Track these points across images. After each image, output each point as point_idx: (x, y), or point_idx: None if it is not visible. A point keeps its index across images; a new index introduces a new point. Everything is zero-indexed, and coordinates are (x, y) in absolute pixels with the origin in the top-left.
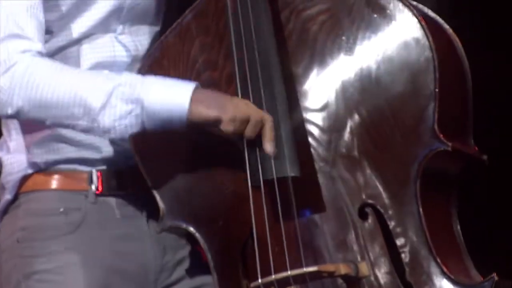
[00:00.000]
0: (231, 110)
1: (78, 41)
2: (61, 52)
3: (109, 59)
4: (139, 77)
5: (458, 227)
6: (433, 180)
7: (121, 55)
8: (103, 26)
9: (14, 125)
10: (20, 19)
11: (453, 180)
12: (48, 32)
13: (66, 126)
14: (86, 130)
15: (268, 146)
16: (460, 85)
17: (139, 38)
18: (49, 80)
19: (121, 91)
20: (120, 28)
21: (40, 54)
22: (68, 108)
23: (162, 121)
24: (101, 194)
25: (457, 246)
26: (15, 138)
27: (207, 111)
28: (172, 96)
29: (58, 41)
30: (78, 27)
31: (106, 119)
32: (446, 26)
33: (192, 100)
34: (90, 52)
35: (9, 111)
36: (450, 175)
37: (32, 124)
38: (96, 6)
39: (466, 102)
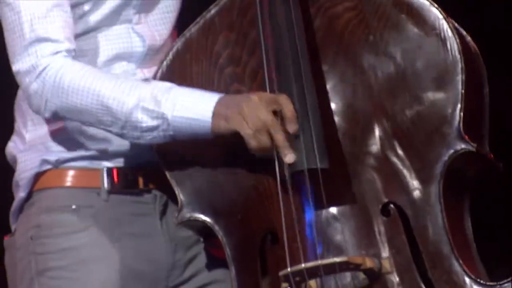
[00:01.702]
0: (250, 124)
1: (94, 30)
2: (77, 42)
3: (126, 50)
4: (165, 90)
5: (471, 230)
6: (455, 181)
7: (138, 45)
8: (117, 16)
9: (30, 116)
10: (44, 20)
11: (470, 183)
12: None
13: (103, 129)
14: (119, 136)
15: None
16: (480, 90)
17: (157, 28)
18: (77, 87)
19: (146, 106)
20: (136, 18)
21: (70, 53)
22: (97, 116)
23: (189, 134)
24: (114, 192)
25: (471, 247)
26: (31, 130)
27: (228, 126)
28: (195, 112)
29: (76, 28)
30: (94, 16)
31: (133, 130)
32: (465, 33)
33: (214, 115)
34: (107, 44)
35: (47, 114)
36: (468, 177)
37: (44, 121)
38: None
39: (484, 107)
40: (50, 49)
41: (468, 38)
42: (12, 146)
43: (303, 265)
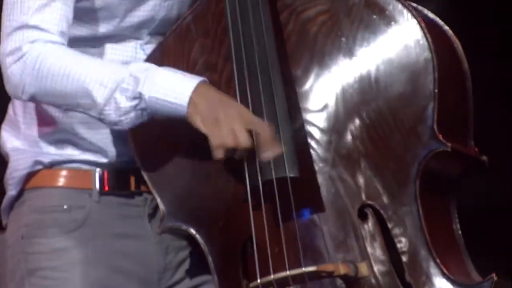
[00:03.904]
0: (221, 135)
1: (103, 39)
2: (82, 43)
3: (129, 62)
4: (144, 71)
5: (458, 227)
6: (433, 180)
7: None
8: (131, 33)
9: (28, 108)
10: (43, 9)
11: (453, 180)
12: (76, 17)
13: (80, 112)
14: (98, 119)
15: (267, 154)
16: (459, 85)
17: None
18: (58, 70)
19: (125, 87)
20: (148, 38)
21: (53, 42)
22: (76, 99)
23: (166, 115)
24: (105, 193)
25: (456, 246)
26: (28, 122)
27: (200, 125)
28: (172, 95)
29: (82, 30)
30: (107, 26)
31: (112, 114)
32: (446, 28)
33: (190, 103)
34: (112, 52)
35: (24, 97)
36: (450, 175)
37: (41, 116)
38: (131, 14)
39: (466, 103)
40: (37, 37)
41: (449, 34)
42: (5, 138)
43: (272, 276)
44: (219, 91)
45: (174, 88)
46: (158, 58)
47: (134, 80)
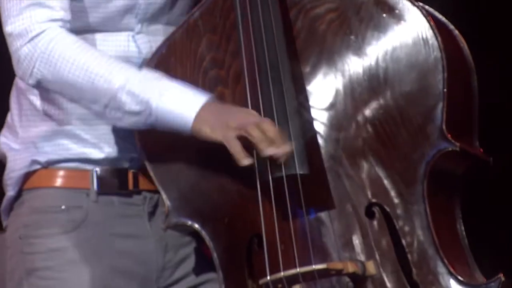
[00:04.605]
0: (233, 141)
1: (93, 31)
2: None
3: (122, 56)
4: (154, 78)
5: (462, 227)
6: (440, 180)
7: (134, 56)
8: (118, 22)
9: (25, 111)
10: None
11: (458, 180)
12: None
13: (82, 105)
14: (99, 115)
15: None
16: (466, 85)
17: (155, 39)
18: (68, 59)
19: (132, 90)
20: (138, 27)
21: (65, 24)
22: (82, 91)
23: (169, 127)
24: (103, 193)
25: (461, 246)
26: (25, 125)
27: (210, 134)
28: (179, 109)
29: (75, 25)
30: (92, 16)
31: (115, 111)
32: (452, 27)
33: (196, 117)
34: (104, 46)
35: (30, 81)
36: (455, 175)
37: (38, 117)
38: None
39: (472, 103)
40: (46, 15)
41: (455, 33)
42: (3, 143)
43: (282, 273)
44: (225, 104)
45: (182, 102)
46: (165, 54)
47: (142, 86)
